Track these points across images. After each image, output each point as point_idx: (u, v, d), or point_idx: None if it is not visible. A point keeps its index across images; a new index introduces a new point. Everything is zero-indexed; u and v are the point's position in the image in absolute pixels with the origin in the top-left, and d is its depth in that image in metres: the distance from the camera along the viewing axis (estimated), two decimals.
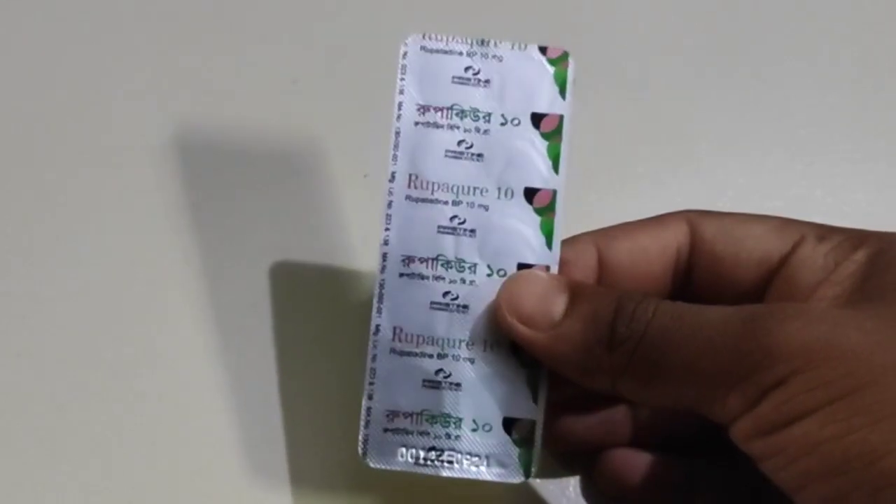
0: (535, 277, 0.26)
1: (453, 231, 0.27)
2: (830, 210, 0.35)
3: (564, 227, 0.28)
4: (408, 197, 0.27)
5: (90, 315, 0.32)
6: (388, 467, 0.26)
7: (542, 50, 0.28)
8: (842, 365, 0.21)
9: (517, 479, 0.26)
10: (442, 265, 0.27)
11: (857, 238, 0.25)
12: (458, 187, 0.27)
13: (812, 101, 0.38)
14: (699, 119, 0.37)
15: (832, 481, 0.21)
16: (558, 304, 0.26)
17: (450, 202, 0.27)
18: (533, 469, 0.27)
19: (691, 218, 0.28)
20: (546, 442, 0.28)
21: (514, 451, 0.27)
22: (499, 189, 0.27)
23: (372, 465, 0.26)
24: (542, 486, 0.30)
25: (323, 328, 0.33)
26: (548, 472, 0.30)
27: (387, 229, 0.27)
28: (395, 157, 0.27)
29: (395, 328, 0.27)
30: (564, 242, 0.28)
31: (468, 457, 0.27)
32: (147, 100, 0.36)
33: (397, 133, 0.27)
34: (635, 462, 0.29)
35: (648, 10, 0.40)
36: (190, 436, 0.31)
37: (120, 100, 0.36)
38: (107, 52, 0.37)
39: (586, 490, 0.30)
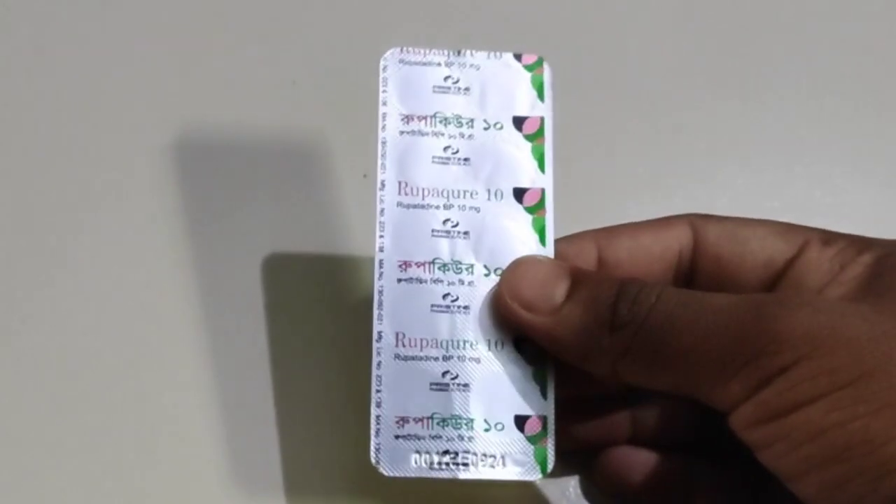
0: (537, 263, 0.27)
1: (447, 234, 0.27)
2: (830, 211, 0.35)
3: (563, 229, 0.28)
4: (399, 203, 0.27)
5: (89, 316, 0.32)
6: (403, 475, 0.26)
7: (518, 57, 0.29)
8: (847, 353, 0.21)
9: (536, 476, 0.26)
10: (439, 268, 0.27)
11: (861, 243, 0.25)
12: (448, 191, 0.27)
13: (811, 103, 0.38)
14: (698, 120, 0.37)
15: (834, 468, 0.21)
16: (559, 289, 0.26)
17: (441, 206, 0.27)
18: (549, 465, 0.26)
19: (694, 221, 0.28)
20: None
21: (530, 449, 0.26)
22: (488, 191, 0.28)
23: (386, 473, 0.26)
24: (542, 485, 0.30)
25: (323, 328, 0.32)
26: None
27: (381, 236, 0.27)
28: (383, 166, 0.27)
29: (397, 334, 0.26)
30: (564, 239, 0.28)
31: (483, 457, 0.26)
32: (146, 100, 0.36)
33: (383, 143, 0.28)
34: (635, 460, 0.28)
35: (647, 12, 0.40)
36: (188, 445, 0.30)
37: (119, 100, 0.36)
38: (106, 52, 0.37)
39: (587, 490, 0.30)
